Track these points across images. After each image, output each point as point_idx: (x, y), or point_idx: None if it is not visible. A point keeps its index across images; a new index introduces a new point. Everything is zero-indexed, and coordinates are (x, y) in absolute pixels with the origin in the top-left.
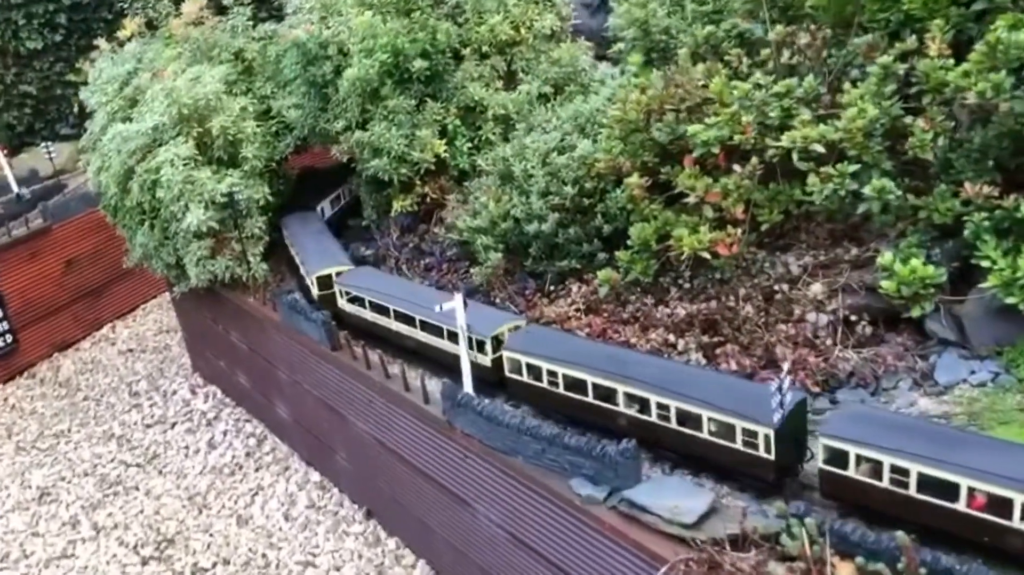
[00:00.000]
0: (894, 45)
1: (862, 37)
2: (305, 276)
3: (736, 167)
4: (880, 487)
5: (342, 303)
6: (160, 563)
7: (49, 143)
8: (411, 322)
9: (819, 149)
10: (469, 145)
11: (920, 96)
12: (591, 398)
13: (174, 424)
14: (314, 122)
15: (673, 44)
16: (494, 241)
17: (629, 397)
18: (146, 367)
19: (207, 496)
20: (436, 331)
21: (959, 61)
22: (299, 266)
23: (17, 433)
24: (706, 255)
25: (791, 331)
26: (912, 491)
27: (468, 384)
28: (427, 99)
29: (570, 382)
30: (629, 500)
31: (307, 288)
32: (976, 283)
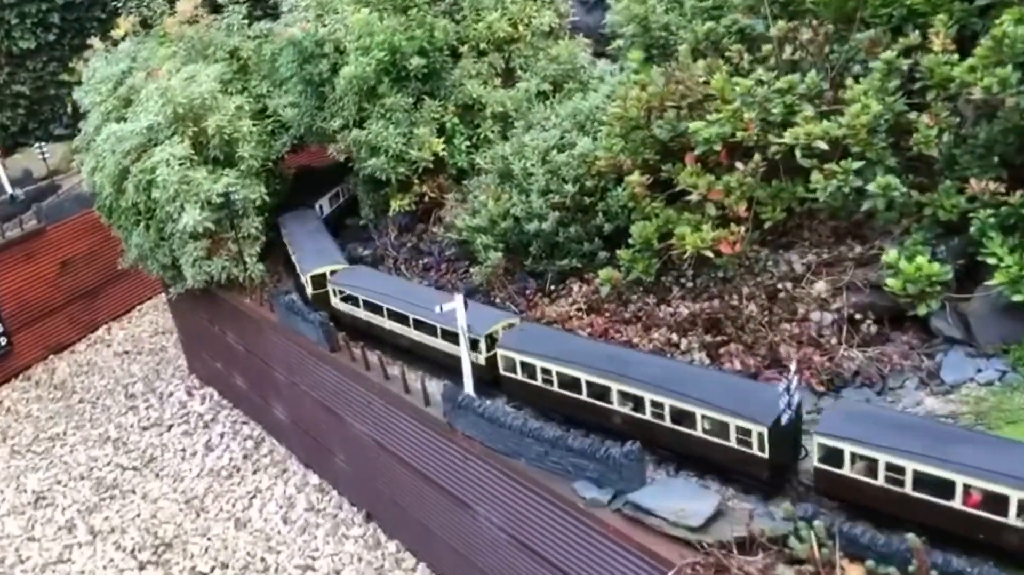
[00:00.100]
0: (897, 40)
1: (864, 33)
2: (300, 275)
3: (739, 164)
4: (875, 485)
5: (335, 302)
6: (158, 567)
7: (43, 143)
8: (405, 321)
9: (822, 146)
10: (467, 143)
11: (924, 92)
12: (585, 396)
13: (171, 426)
14: (311, 121)
15: (673, 40)
16: (494, 240)
17: (623, 395)
18: (142, 369)
19: (205, 499)
20: (430, 330)
21: (963, 56)
22: (295, 265)
23: (12, 436)
24: (709, 254)
25: (795, 330)
26: (908, 489)
27: (469, 385)
28: (425, 97)
29: (564, 380)
30: (634, 503)
31: (303, 287)
32: (982, 280)
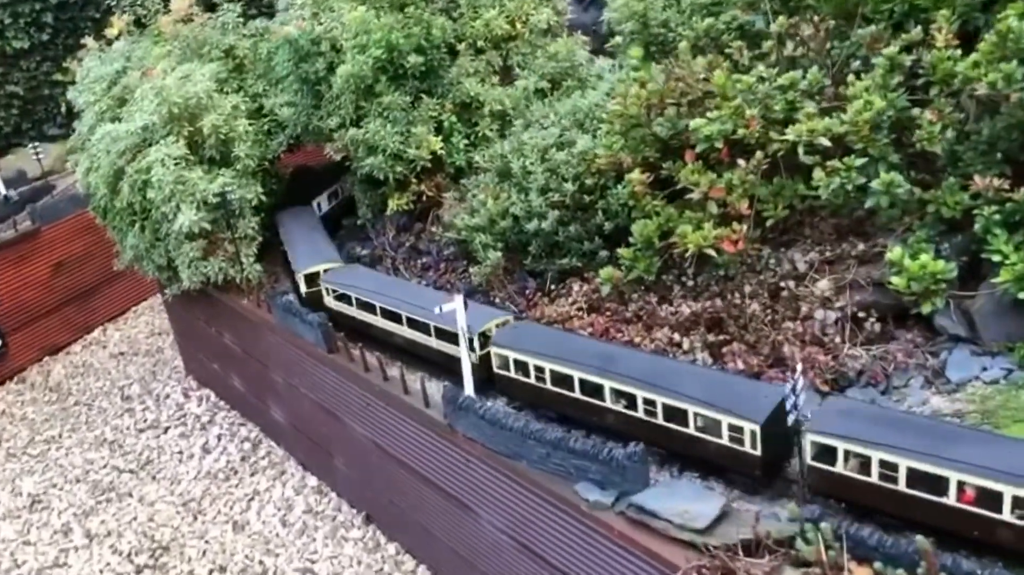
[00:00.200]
0: (898, 36)
1: (865, 28)
2: (295, 273)
3: (740, 162)
4: (869, 482)
5: (328, 300)
6: (155, 571)
7: (37, 144)
8: (398, 319)
9: (825, 142)
10: (466, 142)
11: (927, 88)
12: (579, 394)
13: (167, 428)
14: (307, 120)
15: (672, 37)
16: (493, 240)
17: (616, 393)
18: (138, 371)
19: (202, 502)
20: (424, 328)
21: (966, 52)
22: (291, 263)
23: (7, 439)
24: (711, 252)
25: (798, 329)
26: (901, 486)
27: (469, 386)
28: (422, 95)
29: (557, 378)
30: (638, 505)
31: (298, 285)
32: (985, 277)
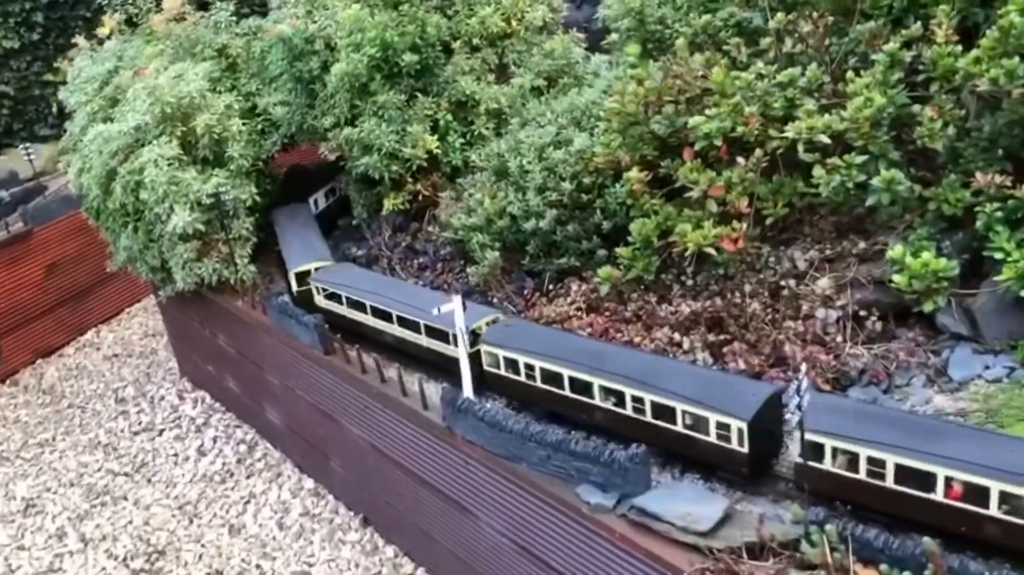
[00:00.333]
0: (897, 32)
1: (864, 25)
2: (288, 271)
3: (739, 159)
4: (857, 479)
5: (318, 299)
6: None
7: (28, 145)
8: (388, 318)
9: (825, 140)
10: (462, 140)
11: (927, 84)
12: (568, 391)
13: (162, 431)
14: (301, 119)
15: (669, 34)
16: (490, 239)
17: (605, 390)
18: (132, 372)
19: (198, 505)
20: (414, 327)
21: (966, 48)
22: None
23: (0, 443)
24: (710, 251)
25: (799, 328)
26: (889, 482)
27: (468, 388)
28: (417, 94)
29: (547, 375)
30: (640, 507)
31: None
32: (987, 275)
